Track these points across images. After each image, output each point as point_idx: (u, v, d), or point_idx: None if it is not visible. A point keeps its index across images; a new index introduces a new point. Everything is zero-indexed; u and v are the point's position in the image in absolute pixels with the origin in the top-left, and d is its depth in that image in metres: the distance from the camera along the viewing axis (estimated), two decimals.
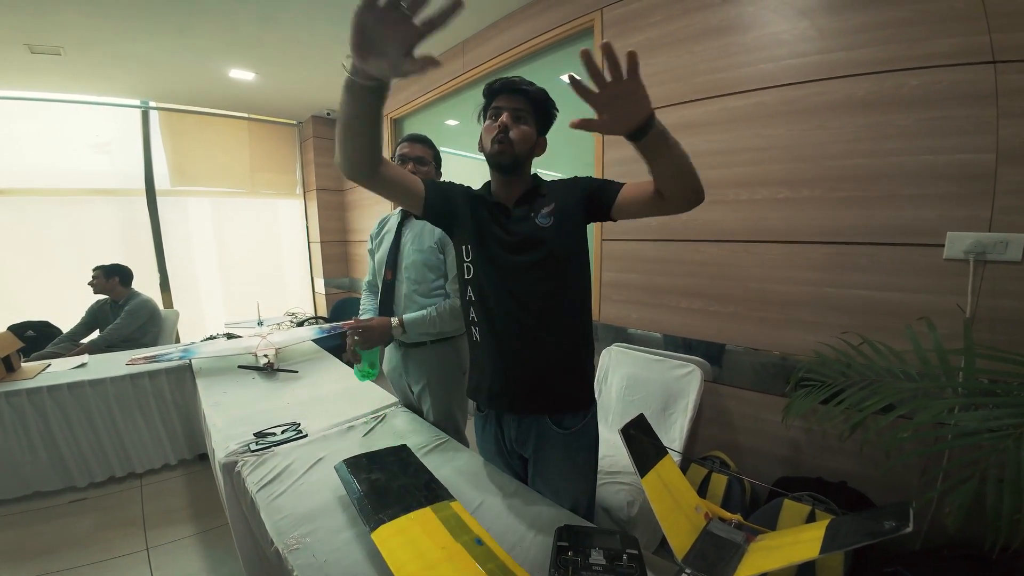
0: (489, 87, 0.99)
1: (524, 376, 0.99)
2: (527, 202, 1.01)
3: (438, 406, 1.52)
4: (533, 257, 0.97)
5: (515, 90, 0.96)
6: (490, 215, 1.02)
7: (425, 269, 1.48)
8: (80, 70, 2.89)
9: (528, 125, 0.97)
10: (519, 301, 0.97)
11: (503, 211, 1.01)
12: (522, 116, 0.97)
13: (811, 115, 1.41)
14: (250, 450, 1.19)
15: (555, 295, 0.98)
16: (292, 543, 0.84)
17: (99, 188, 3.55)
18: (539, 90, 0.98)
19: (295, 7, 2.24)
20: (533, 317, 0.97)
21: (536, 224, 0.97)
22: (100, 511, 1.91)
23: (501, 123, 0.94)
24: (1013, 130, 1.11)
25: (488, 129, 0.98)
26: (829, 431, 1.35)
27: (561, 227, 0.97)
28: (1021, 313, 1.12)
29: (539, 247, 0.97)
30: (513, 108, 0.96)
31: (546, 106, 0.99)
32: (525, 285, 0.97)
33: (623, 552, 0.78)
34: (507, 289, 0.98)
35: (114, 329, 2.71)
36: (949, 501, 0.81)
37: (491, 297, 1.00)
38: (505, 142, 0.95)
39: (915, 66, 1.23)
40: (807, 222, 1.44)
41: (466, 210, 1.03)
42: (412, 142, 1.53)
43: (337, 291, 4.46)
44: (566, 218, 0.97)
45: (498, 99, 0.98)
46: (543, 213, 0.98)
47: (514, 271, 0.98)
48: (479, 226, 1.01)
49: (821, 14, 1.38)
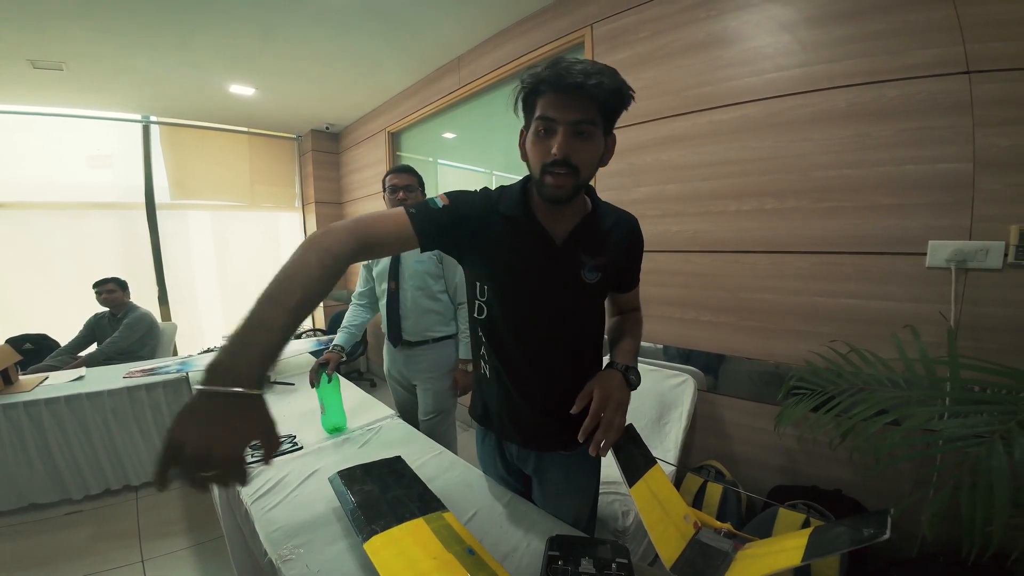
0: (534, 80, 0.69)
1: (539, 420, 0.92)
2: (579, 239, 0.81)
3: (434, 397, 1.73)
4: (567, 304, 0.84)
5: (576, 91, 0.66)
6: (529, 246, 0.80)
7: (427, 276, 1.69)
8: (82, 85, 2.94)
9: (595, 139, 0.71)
10: (542, 345, 0.86)
11: (548, 244, 0.80)
12: (586, 130, 0.69)
13: (795, 127, 1.44)
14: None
15: (580, 338, 0.89)
16: (286, 554, 0.85)
17: (99, 202, 3.58)
18: (611, 87, 0.67)
19: (294, 24, 2.29)
20: (556, 361, 0.87)
21: (582, 278, 0.81)
22: (96, 523, 1.92)
23: (558, 152, 0.68)
24: (988, 139, 1.14)
25: (537, 148, 0.72)
26: (820, 439, 1.36)
27: (604, 284, 0.84)
28: (1003, 320, 1.14)
29: (578, 297, 0.83)
30: (575, 121, 0.68)
31: (619, 104, 0.70)
32: (552, 330, 0.85)
33: (612, 561, 0.78)
34: (530, 333, 0.85)
35: (112, 342, 2.72)
36: (926, 508, 0.82)
37: (509, 340, 0.87)
38: (566, 175, 0.70)
39: (894, 78, 1.26)
40: (794, 232, 1.47)
41: (487, 238, 0.80)
42: (399, 173, 1.70)
43: (335, 303, 4.48)
44: (610, 277, 0.85)
45: (546, 102, 0.69)
46: (591, 266, 0.81)
47: (542, 314, 0.83)
48: (510, 258, 0.80)
49: (802, 28, 1.42)
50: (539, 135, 0.71)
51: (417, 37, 2.51)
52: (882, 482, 1.30)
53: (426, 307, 1.70)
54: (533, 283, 0.81)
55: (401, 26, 2.37)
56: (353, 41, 2.52)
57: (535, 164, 0.74)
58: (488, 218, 0.80)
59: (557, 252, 0.81)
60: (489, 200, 0.82)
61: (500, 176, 2.81)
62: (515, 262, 0.81)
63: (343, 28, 2.36)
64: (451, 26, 2.40)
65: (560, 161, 0.69)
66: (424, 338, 1.72)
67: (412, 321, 1.71)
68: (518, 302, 0.83)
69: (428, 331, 1.72)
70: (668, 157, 1.74)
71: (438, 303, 1.71)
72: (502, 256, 0.81)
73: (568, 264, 0.81)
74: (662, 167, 1.77)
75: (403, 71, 3.00)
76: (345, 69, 2.92)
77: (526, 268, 0.81)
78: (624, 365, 0.85)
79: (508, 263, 0.81)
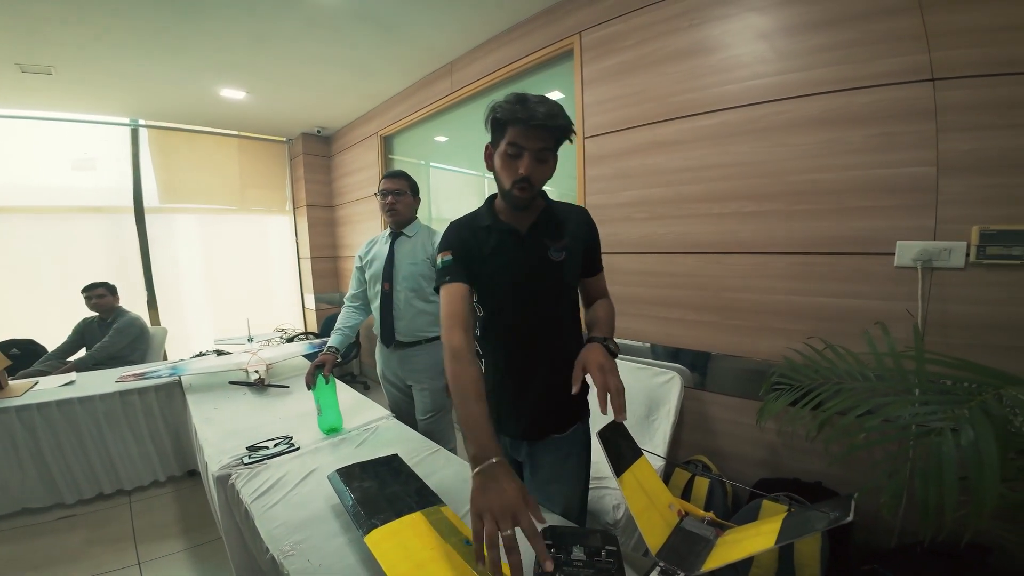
0: (505, 115, 0.87)
1: (533, 404, 1.02)
2: (540, 228, 0.98)
3: (431, 396, 1.75)
4: (543, 286, 0.98)
5: (539, 127, 0.85)
6: (500, 243, 0.98)
7: (420, 279, 1.72)
8: (70, 89, 2.91)
9: (550, 161, 0.92)
10: (529, 328, 0.99)
11: (515, 237, 0.98)
12: (545, 155, 0.89)
13: (772, 133, 1.50)
14: (243, 463, 1.22)
15: (562, 321, 1.02)
16: (287, 549, 0.88)
17: (86, 206, 3.55)
18: (563, 125, 0.88)
19: (286, 28, 2.31)
20: (542, 347, 1.00)
21: (549, 257, 0.97)
22: (89, 527, 1.91)
23: (525, 172, 0.87)
24: (950, 144, 1.20)
25: (506, 168, 0.91)
26: (799, 432, 1.42)
27: (571, 263, 1.00)
28: (967, 317, 1.21)
29: (551, 277, 0.98)
30: (536, 149, 0.87)
31: (567, 134, 0.91)
32: (534, 314, 0.99)
33: (602, 548, 0.82)
34: (517, 316, 0.99)
35: (102, 347, 2.70)
36: (884, 494, 0.88)
37: (501, 329, 1.01)
38: (527, 189, 0.90)
39: (863, 85, 1.32)
40: (772, 234, 1.53)
41: (475, 250, 0.98)
42: (391, 178, 1.77)
43: (328, 306, 4.47)
44: (574, 255, 1.00)
45: (516, 132, 0.87)
46: (556, 247, 0.97)
47: (523, 300, 0.98)
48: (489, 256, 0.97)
49: (778, 36, 1.47)
50: (509, 156, 0.90)
51: (409, 43, 2.55)
52: (860, 473, 1.35)
53: (419, 308, 1.73)
54: (511, 270, 0.98)
55: (393, 32, 2.40)
56: (346, 47, 2.55)
57: (506, 180, 0.92)
58: (470, 237, 0.99)
59: (523, 239, 0.98)
60: (464, 226, 1.02)
61: (492, 179, 2.84)
62: (494, 258, 0.98)
63: (336, 34, 2.38)
64: (443, 32, 2.44)
65: (526, 178, 0.88)
66: (417, 339, 1.75)
67: (405, 322, 1.73)
68: (503, 291, 0.98)
69: (420, 332, 1.75)
70: (653, 162, 1.80)
71: (431, 304, 1.73)
72: (484, 257, 0.98)
73: (535, 248, 0.98)
74: (648, 171, 1.82)
75: (395, 76, 3.02)
76: (337, 74, 2.93)
77: (503, 260, 0.97)
78: (603, 337, 0.95)
79: (488, 260, 0.98)
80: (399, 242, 1.77)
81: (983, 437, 0.73)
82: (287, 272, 4.67)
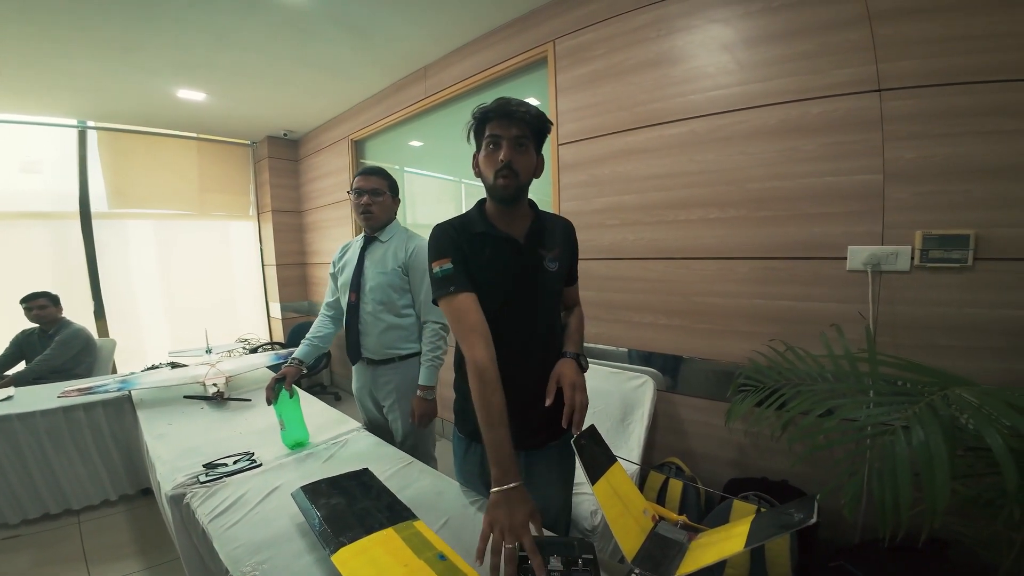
0: (482, 111, 0.93)
1: (531, 414, 0.97)
2: (535, 238, 0.99)
3: (406, 419, 1.59)
4: (540, 296, 0.99)
5: (512, 116, 0.90)
6: (497, 251, 0.96)
7: (390, 290, 1.55)
8: (15, 88, 2.72)
9: (530, 151, 0.94)
10: (529, 335, 0.98)
11: (513, 245, 0.98)
12: (523, 143, 0.92)
13: (734, 142, 1.56)
14: (199, 481, 1.15)
15: (553, 329, 1.03)
16: (248, 571, 0.83)
17: (27, 211, 3.30)
18: (536, 114, 0.93)
19: (248, 29, 2.23)
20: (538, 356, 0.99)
21: (545, 267, 0.99)
22: (37, 548, 1.81)
23: (504, 158, 0.90)
24: (895, 152, 1.27)
25: (488, 160, 0.93)
26: (765, 432, 1.47)
27: (560, 272, 1.03)
28: (914, 318, 1.28)
29: (546, 287, 1.00)
30: (513, 137, 0.90)
31: (542, 126, 0.95)
32: (530, 324, 0.98)
33: (579, 557, 0.82)
34: (517, 324, 0.97)
35: (44, 360, 2.51)
36: (843, 493, 0.92)
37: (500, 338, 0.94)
38: (510, 176, 0.91)
39: (817, 95, 1.39)
40: (735, 240, 1.58)
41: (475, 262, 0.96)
42: (366, 175, 1.59)
43: (295, 315, 4.32)
44: (563, 266, 1.04)
45: (493, 125, 0.91)
46: (550, 257, 1.00)
47: (521, 309, 0.97)
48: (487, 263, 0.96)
49: (740, 48, 1.53)
50: (490, 149, 0.92)
51: (382, 47, 2.51)
52: (823, 471, 1.40)
53: (389, 323, 1.55)
54: (510, 280, 0.96)
55: (365, 35, 2.36)
56: (315, 49, 2.48)
57: (488, 173, 0.94)
58: (464, 242, 0.96)
59: (522, 248, 0.98)
60: (456, 229, 0.98)
61: (469, 184, 2.83)
62: (491, 266, 0.96)
63: (304, 35, 2.32)
64: (416, 37, 2.42)
65: (507, 164, 0.90)
66: (388, 356, 1.58)
67: (372, 338, 1.57)
68: (500, 301, 0.95)
69: (391, 348, 1.57)
70: (624, 169, 1.84)
71: (403, 319, 1.57)
72: (481, 264, 0.95)
73: (532, 257, 0.98)
74: (619, 179, 1.86)
75: (367, 80, 2.97)
76: (306, 76, 2.86)
77: (501, 269, 0.96)
78: (575, 353, 0.99)
79: (485, 268, 0.95)
80: (371, 248, 1.60)
81: (932, 436, 0.77)
82: (251, 280, 4.48)
